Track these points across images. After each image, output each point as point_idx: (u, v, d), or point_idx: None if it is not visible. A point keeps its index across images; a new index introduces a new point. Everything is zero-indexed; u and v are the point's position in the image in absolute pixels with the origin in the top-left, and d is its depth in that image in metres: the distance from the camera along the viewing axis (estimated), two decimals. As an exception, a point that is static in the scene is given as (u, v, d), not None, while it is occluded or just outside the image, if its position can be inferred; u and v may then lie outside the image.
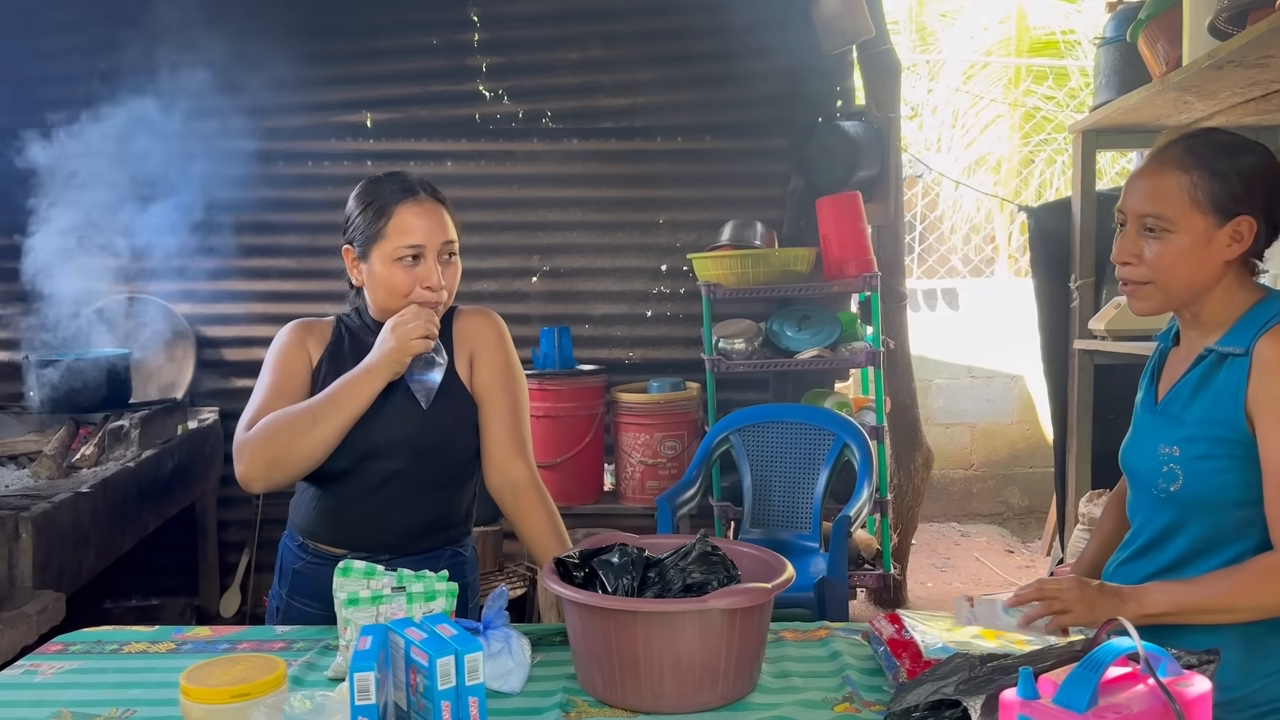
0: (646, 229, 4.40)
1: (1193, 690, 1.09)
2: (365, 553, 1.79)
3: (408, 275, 1.82)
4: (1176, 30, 3.05)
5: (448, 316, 1.95)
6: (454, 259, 1.87)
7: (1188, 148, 1.51)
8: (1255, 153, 1.50)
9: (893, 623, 1.59)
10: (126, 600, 4.26)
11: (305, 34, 4.12)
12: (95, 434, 3.37)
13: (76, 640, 1.80)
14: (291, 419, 1.76)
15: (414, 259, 1.81)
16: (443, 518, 1.90)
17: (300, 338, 1.92)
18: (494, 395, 1.89)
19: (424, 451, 1.84)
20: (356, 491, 1.85)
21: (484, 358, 1.91)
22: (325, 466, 1.82)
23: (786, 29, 4.23)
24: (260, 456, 1.78)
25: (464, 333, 1.93)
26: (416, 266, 1.82)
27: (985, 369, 6.27)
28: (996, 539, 5.87)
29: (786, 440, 3.52)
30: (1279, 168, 1.51)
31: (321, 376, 1.88)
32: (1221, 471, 1.47)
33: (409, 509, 1.85)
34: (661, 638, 1.39)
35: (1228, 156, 1.49)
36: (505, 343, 1.95)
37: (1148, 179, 1.53)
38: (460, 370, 1.90)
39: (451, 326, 1.94)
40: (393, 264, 1.82)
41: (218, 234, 4.20)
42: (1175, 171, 1.50)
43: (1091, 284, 3.94)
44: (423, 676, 1.28)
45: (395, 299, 1.84)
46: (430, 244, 1.82)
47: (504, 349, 1.94)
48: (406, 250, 1.81)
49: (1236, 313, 1.51)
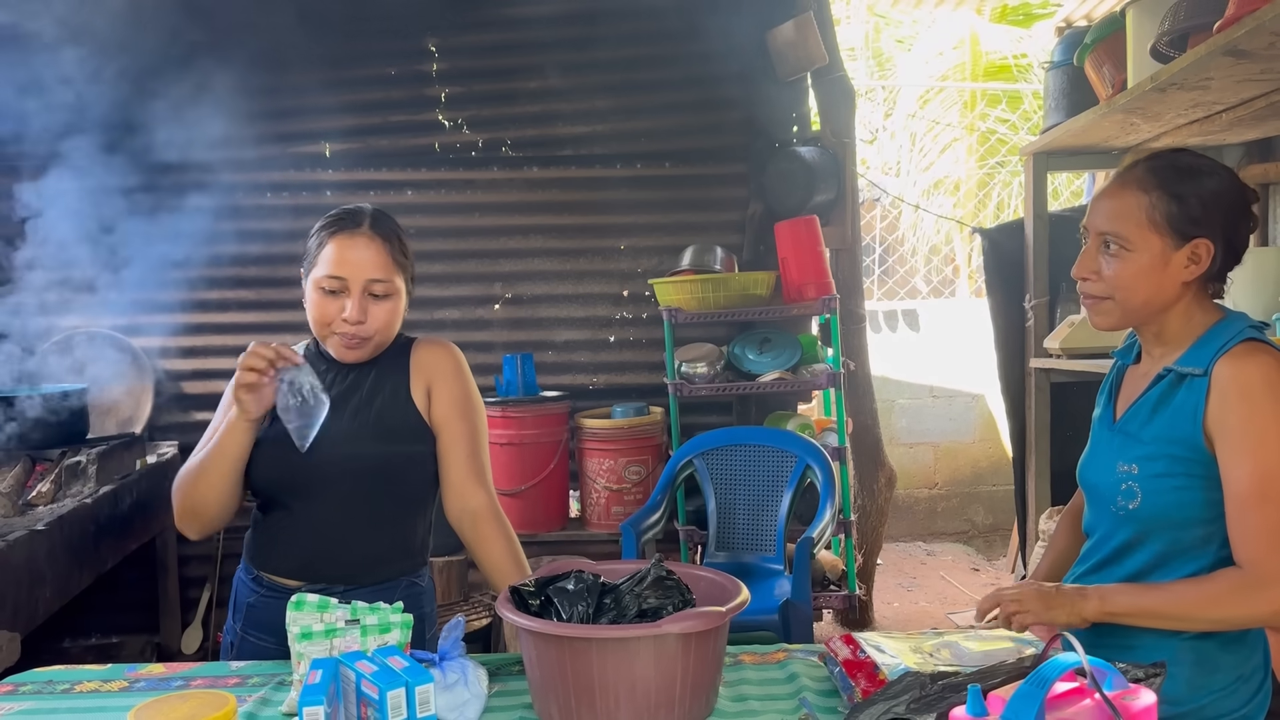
0: (608, 255, 4.41)
1: (1138, 704, 1.10)
2: (320, 584, 1.79)
3: (328, 305, 1.82)
4: (1121, 54, 3.12)
5: (405, 346, 1.95)
6: (388, 298, 1.84)
7: (1150, 169, 1.53)
8: (1218, 176, 1.51)
9: (848, 644, 1.60)
10: (86, 639, 4.18)
11: (263, 65, 4.11)
12: (51, 470, 3.32)
13: (27, 680, 1.77)
14: (191, 470, 1.82)
15: (336, 291, 1.81)
16: (397, 547, 1.89)
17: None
18: (452, 425, 1.89)
19: (372, 478, 1.83)
20: (307, 520, 1.83)
21: (441, 388, 1.91)
22: (272, 494, 1.83)
23: (742, 57, 4.28)
24: (179, 508, 1.85)
25: (421, 363, 1.93)
26: (339, 298, 1.82)
27: (947, 389, 6.32)
28: (962, 557, 5.90)
29: (750, 463, 3.54)
30: (1242, 192, 1.52)
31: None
32: (1180, 490, 1.48)
33: (362, 538, 1.84)
34: (617, 664, 1.39)
35: (1189, 179, 1.50)
36: (463, 372, 1.95)
37: (1110, 198, 1.55)
38: (417, 400, 1.90)
39: (409, 357, 1.94)
40: (318, 292, 1.83)
41: (175, 267, 4.16)
42: (1135, 192, 1.52)
43: (1046, 303, 4.00)
44: (374, 709, 1.28)
45: (318, 327, 1.85)
46: (353, 278, 1.81)
47: (461, 379, 1.94)
48: (329, 280, 1.81)
49: (1196, 333, 1.53)
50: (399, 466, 1.86)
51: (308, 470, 1.80)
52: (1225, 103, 2.93)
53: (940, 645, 1.56)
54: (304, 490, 1.82)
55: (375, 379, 1.91)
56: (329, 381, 1.89)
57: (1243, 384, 1.43)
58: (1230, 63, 2.47)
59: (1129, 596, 1.48)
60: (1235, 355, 1.46)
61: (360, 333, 1.83)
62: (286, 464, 1.81)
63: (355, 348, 1.85)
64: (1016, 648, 1.52)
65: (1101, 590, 1.49)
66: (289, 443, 1.79)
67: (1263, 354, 1.46)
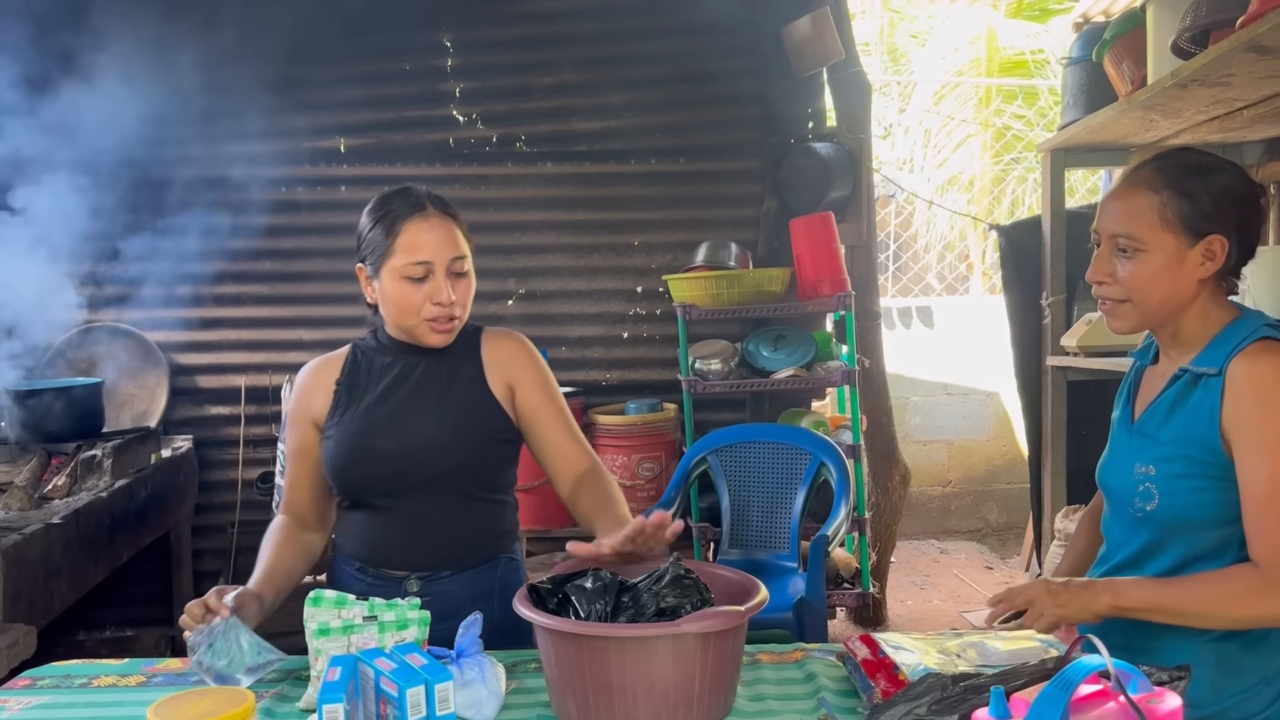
0: (622, 251, 4.40)
1: (1164, 707, 1.09)
2: (425, 570, 1.83)
3: (417, 292, 1.79)
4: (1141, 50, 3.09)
5: (474, 337, 1.94)
6: (466, 275, 1.84)
7: (1158, 168, 1.52)
8: (1227, 172, 1.51)
9: (867, 644, 1.59)
10: (101, 632, 4.20)
11: (278, 60, 4.11)
12: (67, 464, 3.33)
13: (44, 675, 1.77)
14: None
15: (423, 276, 1.79)
16: (492, 528, 1.90)
17: (311, 385, 1.92)
18: (542, 411, 1.90)
19: (458, 469, 1.83)
20: (399, 515, 1.84)
21: (525, 382, 1.91)
22: (356, 494, 1.86)
23: (758, 53, 4.27)
24: None
25: (495, 357, 1.92)
26: (426, 283, 1.79)
27: (961, 386, 6.30)
28: (975, 556, 5.88)
29: (764, 460, 3.52)
30: (1250, 187, 1.52)
31: (341, 406, 1.87)
32: (1197, 491, 1.47)
33: (456, 526, 1.85)
34: (635, 663, 1.39)
35: (1198, 176, 1.49)
36: (537, 360, 1.95)
37: (1120, 199, 1.54)
38: (496, 391, 1.88)
39: (479, 348, 1.92)
40: (401, 281, 1.79)
41: (190, 260, 4.17)
42: (1145, 192, 1.51)
43: (1063, 301, 3.98)
44: (393, 707, 1.27)
45: (407, 317, 1.82)
46: (438, 260, 1.79)
47: (538, 366, 1.94)
48: (415, 267, 1.78)
49: (1212, 331, 1.52)
50: (482, 455, 1.86)
51: (394, 467, 1.81)
52: (1246, 99, 2.91)
53: (966, 645, 1.55)
54: (390, 488, 1.83)
55: (448, 369, 1.89)
56: (399, 373, 1.88)
57: (1258, 383, 1.42)
58: (1253, 59, 2.44)
59: (1143, 591, 1.46)
60: (1250, 354, 1.45)
61: (452, 313, 1.81)
62: (369, 463, 1.82)
63: (447, 330, 1.84)
64: (1042, 648, 1.51)
65: (1114, 584, 1.48)
66: (366, 441, 1.82)
67: (1278, 352, 1.44)
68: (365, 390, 1.88)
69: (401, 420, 1.84)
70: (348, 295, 4.30)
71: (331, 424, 1.87)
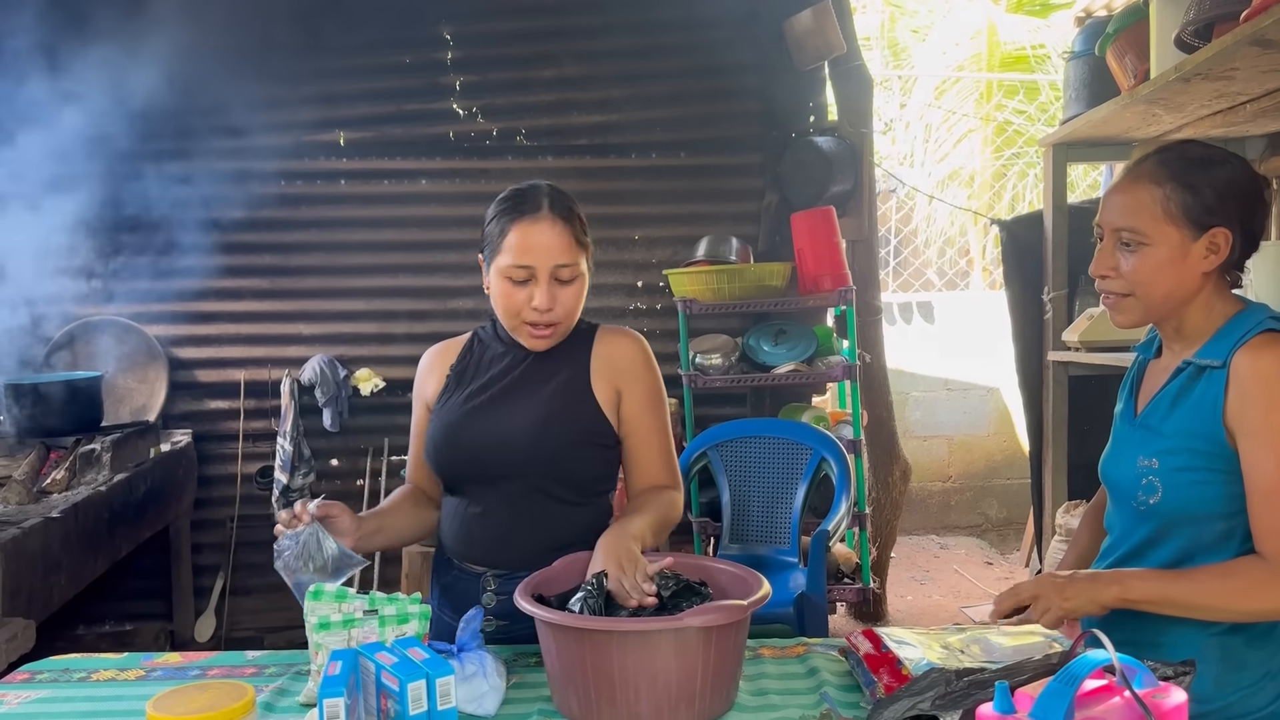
0: (622, 245, 4.39)
1: (1169, 702, 1.09)
2: (503, 569, 1.80)
3: (519, 293, 1.78)
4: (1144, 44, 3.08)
5: (588, 334, 1.92)
6: (574, 282, 1.80)
7: (1160, 161, 1.52)
8: (1229, 164, 1.50)
9: (870, 639, 1.58)
10: (100, 626, 4.20)
11: (277, 53, 4.11)
12: (66, 458, 3.32)
13: (43, 669, 1.77)
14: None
15: (525, 279, 1.77)
16: (580, 533, 1.81)
17: (429, 366, 1.95)
18: (643, 419, 1.86)
19: (549, 468, 1.80)
20: (487, 508, 1.83)
21: (633, 386, 1.87)
22: (450, 480, 1.87)
23: (759, 46, 4.26)
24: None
25: (606, 357, 1.88)
26: (528, 286, 1.77)
27: (961, 381, 6.30)
28: (975, 551, 5.88)
29: (764, 455, 3.52)
30: (1253, 179, 1.51)
31: (450, 390, 1.88)
32: (1201, 484, 1.47)
33: (543, 525, 1.81)
34: (637, 657, 1.38)
35: (1201, 169, 1.49)
36: (651, 366, 1.91)
37: (1122, 193, 1.53)
38: (598, 392, 1.85)
39: (591, 347, 1.90)
40: (505, 280, 1.78)
41: (189, 255, 4.16)
42: (1148, 185, 1.50)
43: (1064, 296, 3.97)
44: (394, 701, 1.27)
45: (507, 316, 1.81)
46: (541, 265, 1.76)
47: (651, 372, 1.90)
48: (517, 270, 1.76)
49: (1216, 324, 1.51)
50: (574, 457, 1.82)
51: (481, 457, 1.80)
52: (1250, 94, 2.90)
53: (970, 640, 1.54)
54: (481, 479, 1.82)
55: (555, 367, 1.87)
56: (506, 365, 1.88)
57: (1262, 375, 1.42)
58: (1256, 53, 2.43)
59: (1150, 583, 1.46)
60: (1254, 346, 1.44)
61: (551, 319, 1.79)
62: (460, 451, 1.81)
63: (545, 336, 1.82)
64: (1046, 643, 1.50)
65: (1120, 575, 1.47)
66: (461, 429, 1.81)
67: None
68: (473, 378, 1.88)
69: (495, 411, 1.82)
70: (347, 289, 4.32)
71: (438, 407, 1.88)
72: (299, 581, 1.62)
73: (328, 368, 4.17)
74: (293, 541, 1.63)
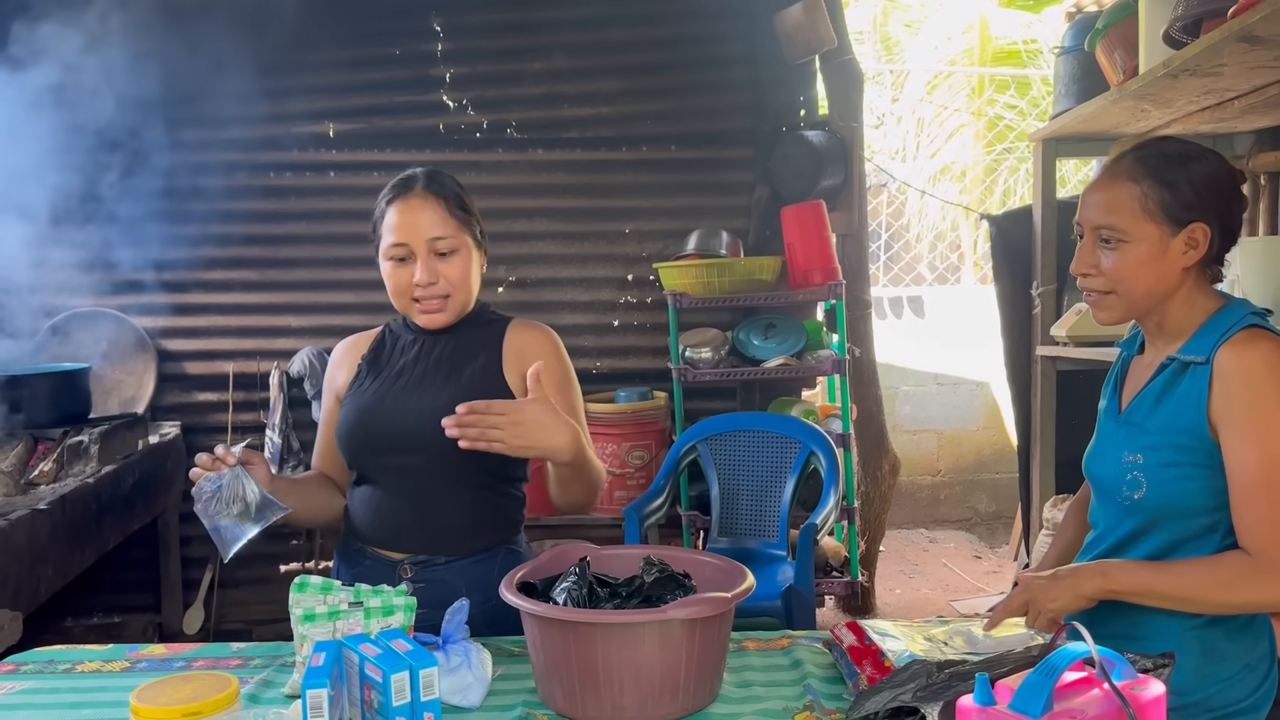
0: (612, 239, 4.39)
1: (1147, 694, 1.10)
2: (421, 555, 1.81)
3: (400, 274, 1.81)
4: (1133, 39, 3.09)
5: (500, 325, 1.93)
6: (455, 254, 1.82)
7: (1138, 158, 1.53)
8: (1207, 160, 1.52)
9: (853, 630, 1.59)
10: (88, 618, 4.19)
11: (266, 44, 4.09)
12: (54, 450, 3.31)
13: (28, 660, 1.77)
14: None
15: (404, 257, 1.80)
16: (493, 517, 1.87)
17: (340, 358, 1.98)
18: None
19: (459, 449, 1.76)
20: (399, 493, 1.83)
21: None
22: (362, 467, 1.87)
23: (750, 39, 4.25)
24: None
25: (515, 346, 1.90)
26: (409, 264, 1.81)
27: (951, 376, 6.31)
28: (964, 545, 5.90)
29: (754, 449, 3.53)
30: (1230, 174, 1.53)
31: (362, 378, 1.90)
32: (1185, 479, 1.48)
33: (456, 510, 1.82)
34: (621, 649, 1.38)
35: (1178, 165, 1.50)
36: (560, 355, 1.93)
37: (1101, 191, 1.55)
38: (510, 380, 1.87)
39: (503, 337, 1.91)
40: (388, 262, 1.82)
41: (178, 246, 4.15)
42: (1126, 183, 1.52)
43: (1053, 291, 3.98)
44: (377, 693, 1.27)
45: (397, 297, 1.84)
46: (415, 240, 1.79)
47: (560, 361, 1.92)
48: (395, 248, 1.80)
49: (1198, 320, 1.53)
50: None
51: (395, 442, 1.80)
52: (1238, 89, 2.90)
53: (953, 632, 1.55)
54: (393, 462, 1.82)
55: (465, 353, 1.88)
56: (417, 353, 1.89)
57: (1245, 371, 1.43)
58: (1244, 49, 2.44)
59: (1134, 575, 1.47)
60: (1236, 342, 1.45)
61: (435, 292, 1.81)
62: (373, 437, 1.82)
63: (436, 311, 1.83)
64: (1028, 635, 1.51)
65: (1104, 567, 1.49)
66: (373, 415, 1.82)
67: (1264, 340, 1.45)
68: (385, 367, 1.90)
69: (409, 395, 1.84)
70: (337, 281, 4.32)
71: (350, 394, 1.89)
72: (218, 525, 1.63)
73: (317, 360, 4.16)
74: (213, 484, 1.64)
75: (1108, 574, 1.47)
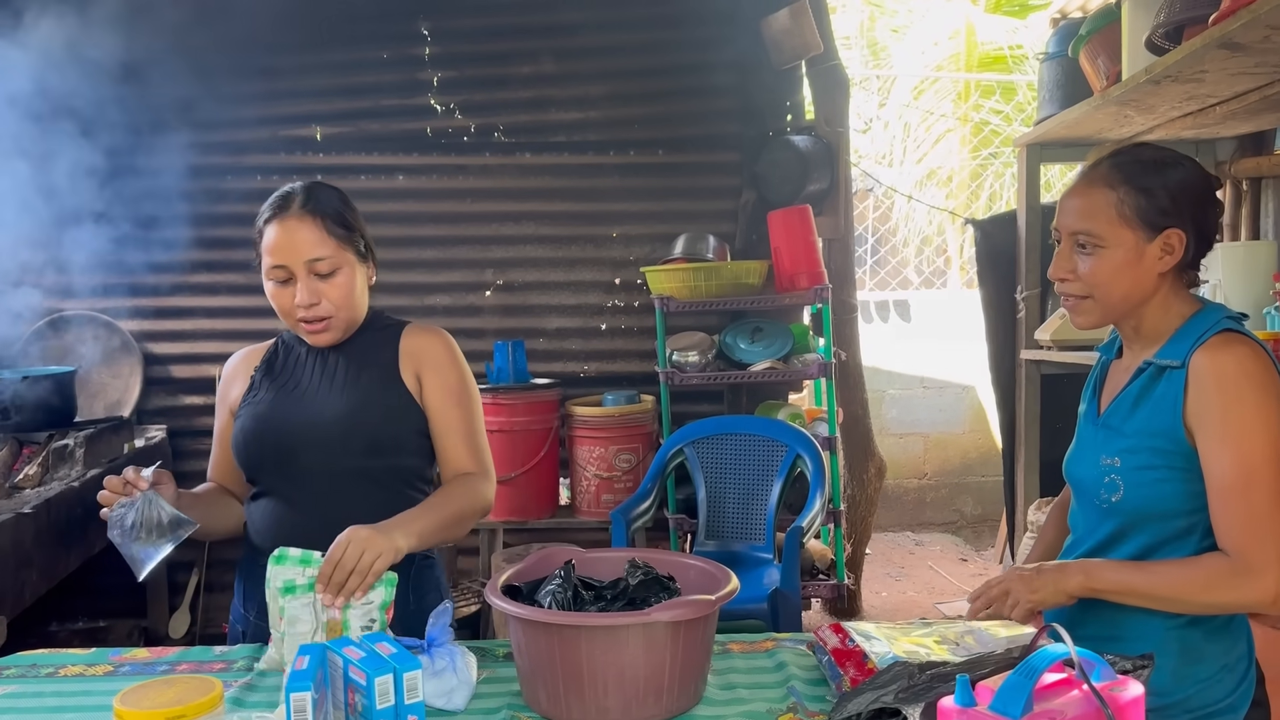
0: (600, 243, 4.40)
1: (1126, 695, 1.11)
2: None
3: (282, 295, 1.79)
4: (1116, 46, 3.11)
5: (396, 330, 1.92)
6: (337, 273, 1.80)
7: (1114, 164, 1.55)
8: (1182, 166, 1.53)
9: (837, 632, 1.60)
10: (73, 622, 4.17)
11: (253, 47, 4.09)
12: (39, 453, 3.30)
13: (10, 664, 1.76)
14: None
15: (284, 279, 1.78)
16: None
17: (233, 372, 1.96)
18: (446, 413, 1.86)
19: (363, 455, 1.79)
20: (304, 501, 1.81)
21: (432, 375, 1.87)
22: (263, 477, 1.84)
23: (737, 45, 4.26)
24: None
25: (410, 349, 1.89)
26: (289, 285, 1.78)
27: (937, 379, 6.34)
28: (950, 547, 5.92)
29: (740, 452, 3.54)
30: (1206, 180, 1.55)
31: (256, 389, 1.88)
32: (1161, 482, 1.49)
33: (361, 517, 1.76)
34: (605, 652, 1.39)
35: (1154, 171, 1.52)
36: (455, 359, 1.90)
37: (1077, 197, 1.56)
38: (407, 382, 1.86)
39: (398, 342, 1.90)
40: (270, 283, 1.81)
41: (164, 250, 4.14)
42: (1102, 189, 1.53)
43: (1037, 295, 4.00)
44: (361, 696, 1.27)
45: (283, 316, 1.82)
46: (293, 262, 1.77)
47: (454, 365, 1.89)
48: (272, 271, 1.79)
49: (1174, 324, 1.54)
50: (389, 443, 1.83)
51: (297, 449, 1.79)
52: (1219, 96, 2.93)
53: (965, 632, 1.56)
54: (293, 470, 1.80)
55: (361, 359, 1.88)
56: (312, 366, 1.88)
57: (1220, 375, 1.44)
58: (1225, 55, 2.46)
59: (1115, 574, 1.49)
60: (1212, 346, 1.47)
61: (317, 314, 1.79)
62: (272, 445, 1.80)
63: (321, 330, 1.82)
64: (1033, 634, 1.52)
65: (1086, 565, 1.51)
66: (269, 424, 1.80)
67: (1239, 344, 1.47)
68: (279, 377, 1.88)
69: (306, 402, 1.83)
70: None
71: (245, 405, 1.87)
72: (134, 551, 1.63)
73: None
74: (128, 509, 1.63)
75: (1090, 572, 1.49)
